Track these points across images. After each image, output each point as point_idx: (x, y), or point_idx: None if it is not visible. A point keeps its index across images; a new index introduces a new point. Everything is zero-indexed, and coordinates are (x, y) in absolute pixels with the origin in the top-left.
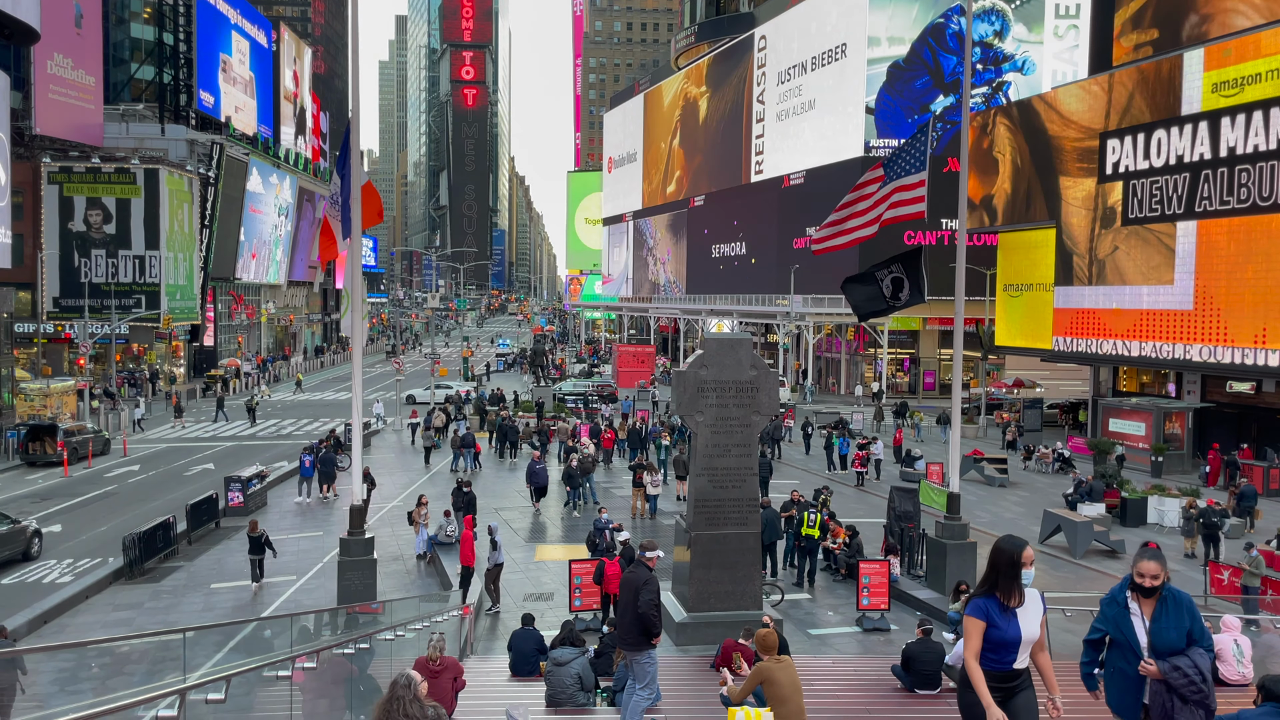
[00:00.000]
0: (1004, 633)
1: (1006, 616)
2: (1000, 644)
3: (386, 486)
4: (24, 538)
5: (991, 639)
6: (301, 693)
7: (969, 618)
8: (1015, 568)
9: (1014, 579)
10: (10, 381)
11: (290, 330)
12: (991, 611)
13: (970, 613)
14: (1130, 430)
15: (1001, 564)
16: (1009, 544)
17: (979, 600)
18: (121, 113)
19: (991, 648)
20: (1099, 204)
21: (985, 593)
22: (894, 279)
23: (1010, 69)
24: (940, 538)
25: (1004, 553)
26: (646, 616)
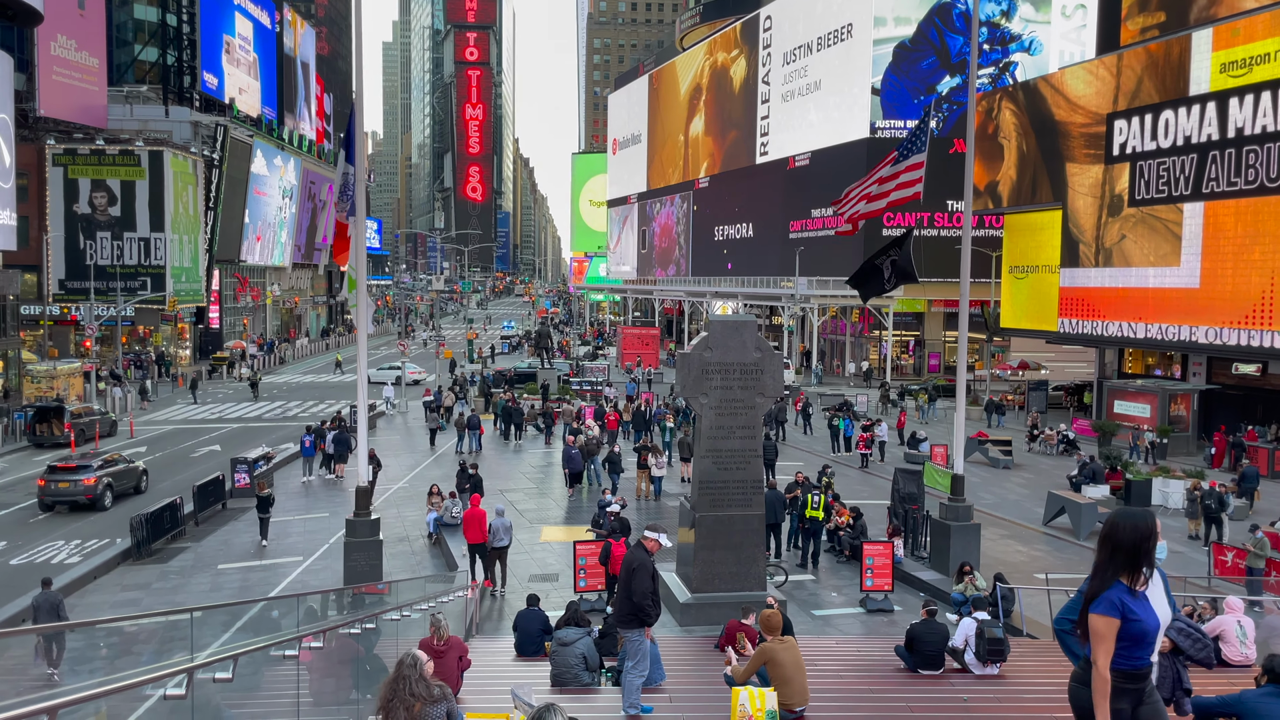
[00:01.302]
0: (1144, 623)
1: (1141, 604)
2: (1140, 638)
3: (392, 468)
4: (136, 475)
5: (1130, 634)
6: (308, 672)
7: (1103, 618)
8: (1149, 543)
9: (1148, 557)
10: (17, 363)
11: (295, 313)
12: (1126, 603)
13: (1103, 611)
14: (1135, 412)
15: (1130, 543)
16: (1136, 519)
17: (1108, 594)
18: (125, 94)
19: (1131, 644)
20: (1106, 191)
21: (1108, 583)
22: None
23: (1017, 49)
24: (944, 519)
25: (1132, 529)
26: (640, 607)
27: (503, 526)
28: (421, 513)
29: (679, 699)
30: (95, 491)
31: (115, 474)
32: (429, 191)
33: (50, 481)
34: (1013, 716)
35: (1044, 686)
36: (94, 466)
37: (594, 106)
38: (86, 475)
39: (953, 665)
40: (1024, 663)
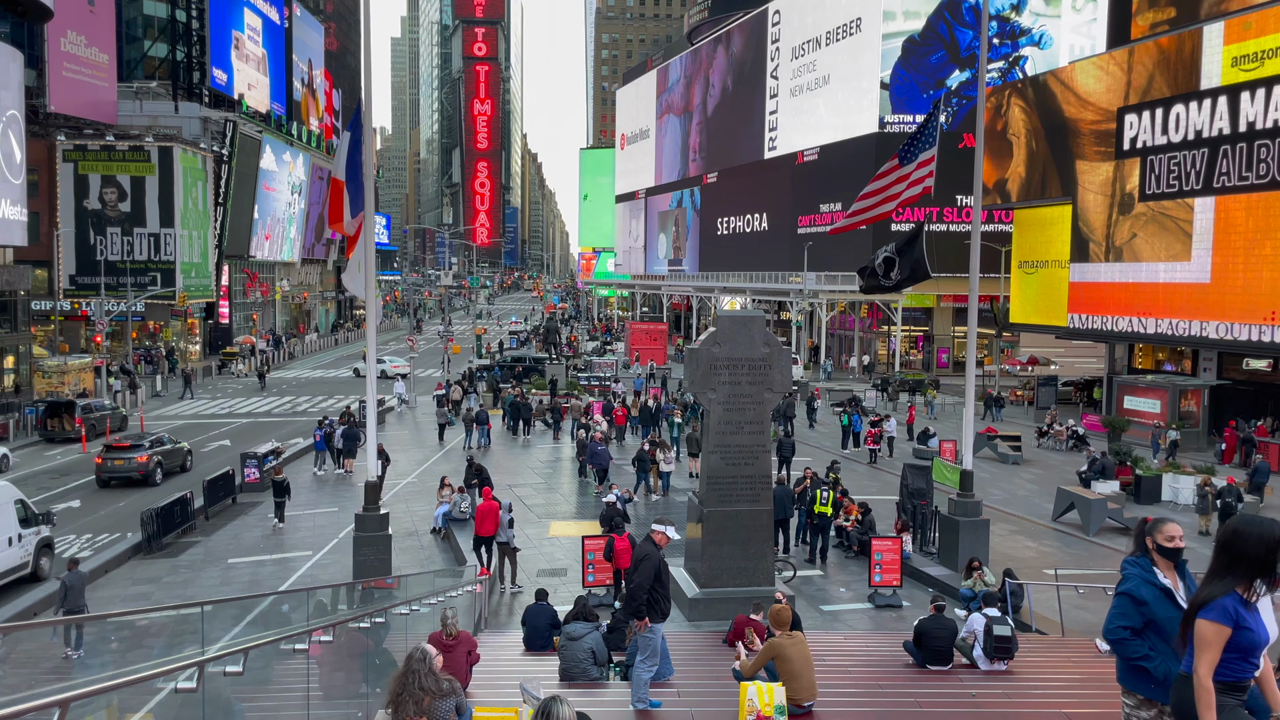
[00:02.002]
0: (1255, 634)
1: (1254, 615)
2: (1249, 649)
3: (401, 463)
4: (182, 454)
5: (1239, 644)
6: (318, 666)
7: (1214, 624)
8: (1275, 554)
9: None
10: (28, 359)
11: (304, 308)
12: (1240, 612)
13: (1215, 617)
14: (1145, 408)
15: (1255, 553)
16: (1263, 528)
17: (1222, 602)
18: (135, 90)
19: (1239, 655)
20: (1117, 189)
21: (1224, 590)
22: (885, 259)
23: (1027, 43)
24: (953, 515)
25: (1258, 540)
26: (632, 596)
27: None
28: (430, 507)
29: (687, 693)
30: (148, 469)
31: (165, 453)
32: (437, 187)
33: (107, 459)
34: (1021, 713)
35: (1053, 683)
36: (146, 446)
37: (602, 102)
38: (140, 454)
39: (961, 661)
40: (1033, 659)
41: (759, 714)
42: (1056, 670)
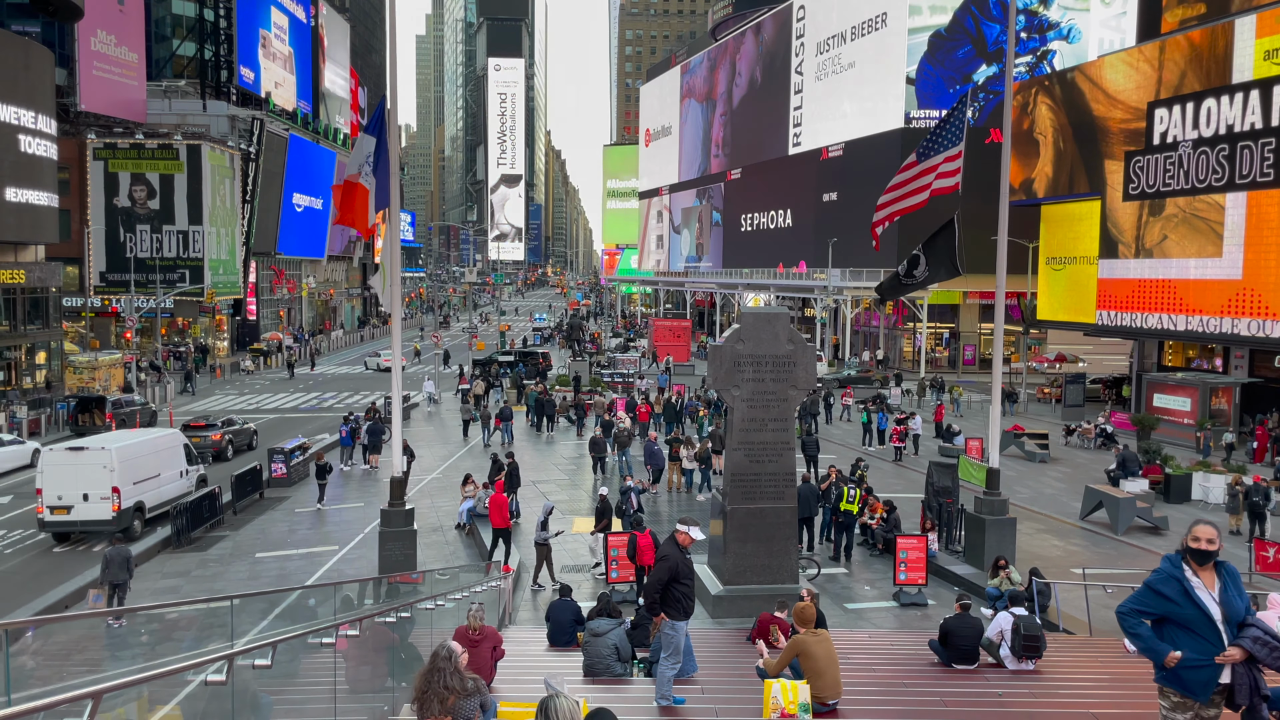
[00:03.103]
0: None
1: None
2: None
3: (426, 459)
4: (249, 434)
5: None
6: (344, 660)
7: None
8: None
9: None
10: (60, 354)
11: (330, 304)
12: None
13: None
14: (1175, 406)
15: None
16: None
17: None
18: (164, 89)
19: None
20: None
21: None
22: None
23: (1055, 37)
24: (979, 513)
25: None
26: (645, 591)
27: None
28: (455, 503)
29: (711, 690)
30: (221, 445)
31: (235, 432)
32: (462, 184)
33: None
34: (1048, 713)
35: (1081, 682)
36: (219, 425)
37: (626, 99)
38: (214, 432)
39: (987, 660)
40: (1060, 658)
41: (783, 711)
42: (1084, 670)
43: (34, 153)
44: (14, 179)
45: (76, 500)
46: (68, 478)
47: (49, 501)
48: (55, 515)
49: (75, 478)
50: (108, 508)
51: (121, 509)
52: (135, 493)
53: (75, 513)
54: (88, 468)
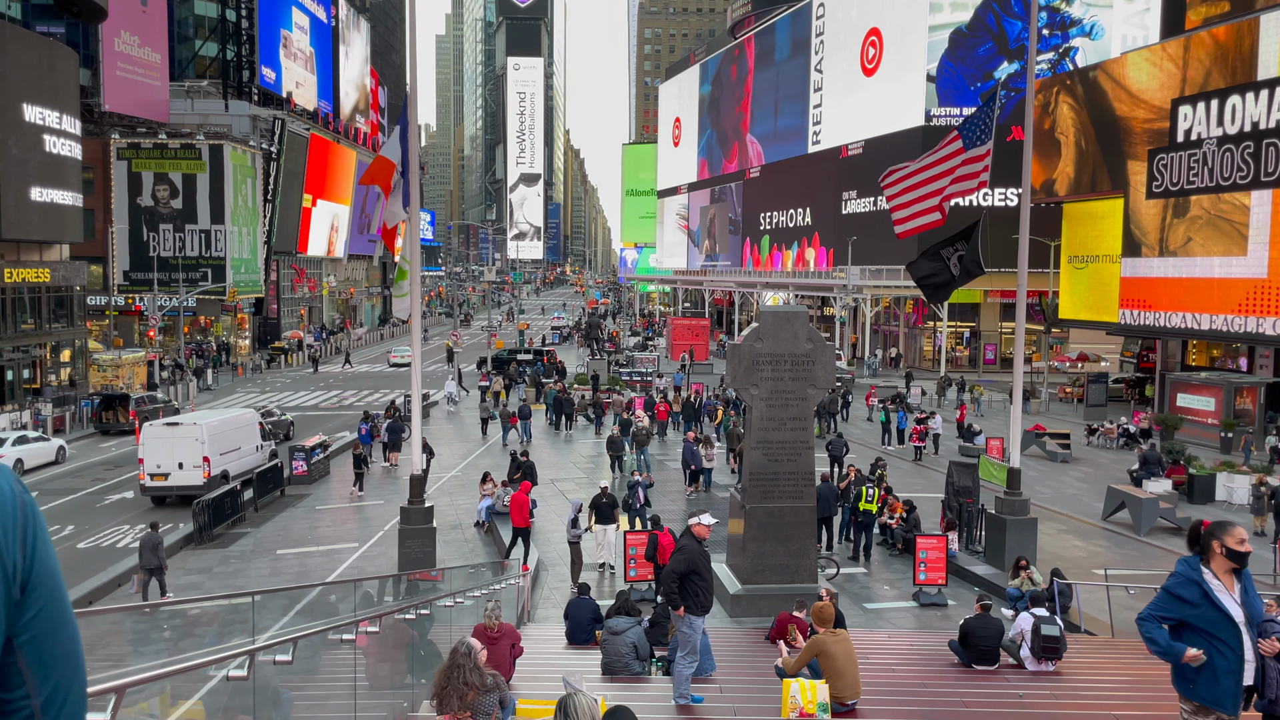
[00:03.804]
0: None
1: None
2: None
3: (445, 457)
4: (286, 424)
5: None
6: (364, 656)
7: None
8: None
9: None
10: (84, 353)
11: (351, 303)
12: None
13: None
14: (1199, 405)
15: None
16: None
17: None
18: (186, 89)
19: None
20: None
21: None
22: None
23: (1078, 34)
24: (1000, 513)
25: None
26: (661, 580)
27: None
28: (474, 501)
29: (729, 689)
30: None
31: (274, 423)
32: (481, 183)
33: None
34: (1069, 714)
35: (1102, 684)
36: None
37: (644, 97)
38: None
39: (1008, 661)
40: (1081, 660)
41: (802, 711)
42: (1106, 672)
43: (59, 153)
44: (39, 179)
45: (173, 468)
46: (165, 449)
47: (149, 469)
48: (154, 481)
49: (172, 449)
50: (199, 475)
51: (211, 476)
52: (221, 462)
53: (172, 479)
54: (182, 440)
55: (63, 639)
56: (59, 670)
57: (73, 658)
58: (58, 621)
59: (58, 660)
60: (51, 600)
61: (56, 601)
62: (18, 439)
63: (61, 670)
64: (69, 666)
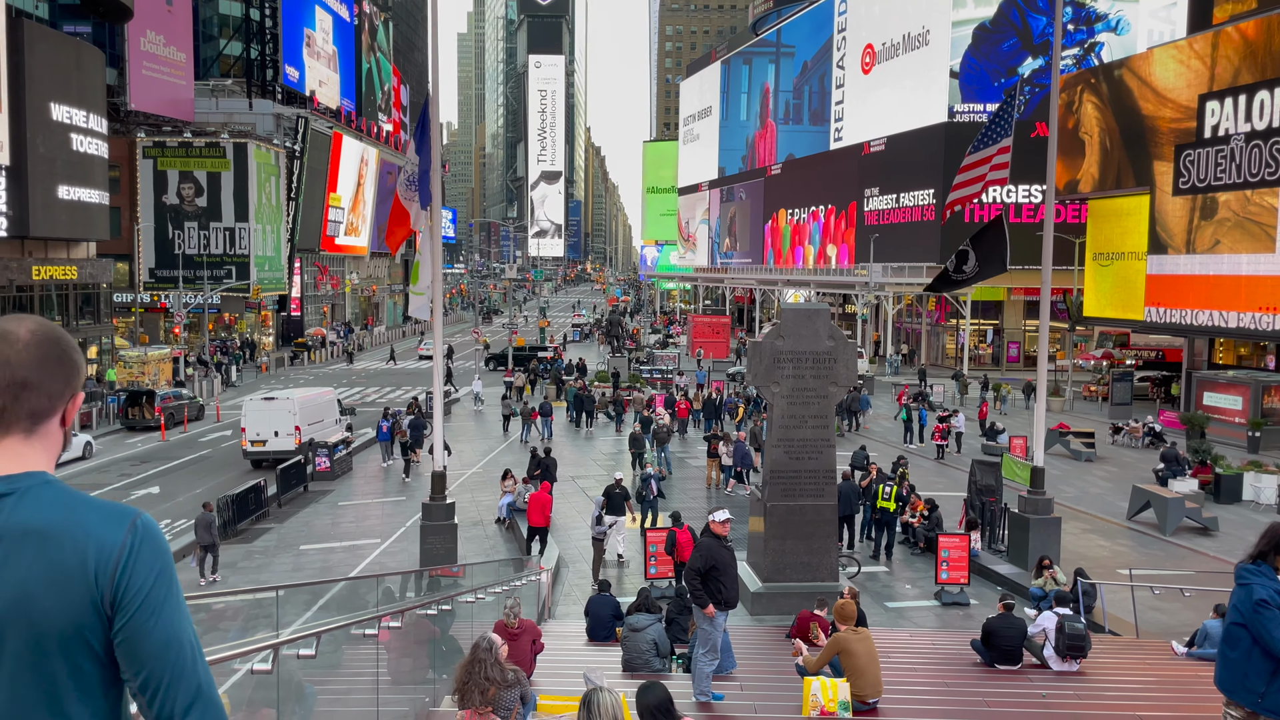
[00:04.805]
0: None
1: None
2: None
3: (466, 454)
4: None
5: None
6: (386, 651)
7: None
8: None
9: None
10: (111, 349)
11: (373, 301)
12: None
13: None
14: (1226, 404)
15: None
16: None
17: None
18: (211, 88)
19: None
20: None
21: None
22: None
23: (1103, 29)
24: (1023, 512)
25: None
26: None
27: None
28: (495, 497)
29: (750, 687)
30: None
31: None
32: (502, 180)
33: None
34: (1093, 714)
35: (1126, 684)
36: None
37: (665, 94)
38: None
39: (1031, 661)
40: (1105, 659)
41: (823, 709)
42: (1130, 672)
43: (86, 151)
44: (66, 177)
45: (270, 436)
46: (263, 420)
47: (250, 437)
48: (254, 447)
49: (269, 420)
50: (292, 441)
51: (302, 443)
52: (309, 432)
53: (269, 445)
54: (278, 412)
55: (151, 642)
56: (150, 665)
57: (162, 658)
58: (146, 630)
59: (148, 657)
60: (140, 614)
61: (146, 615)
62: None
63: (152, 665)
64: (160, 664)
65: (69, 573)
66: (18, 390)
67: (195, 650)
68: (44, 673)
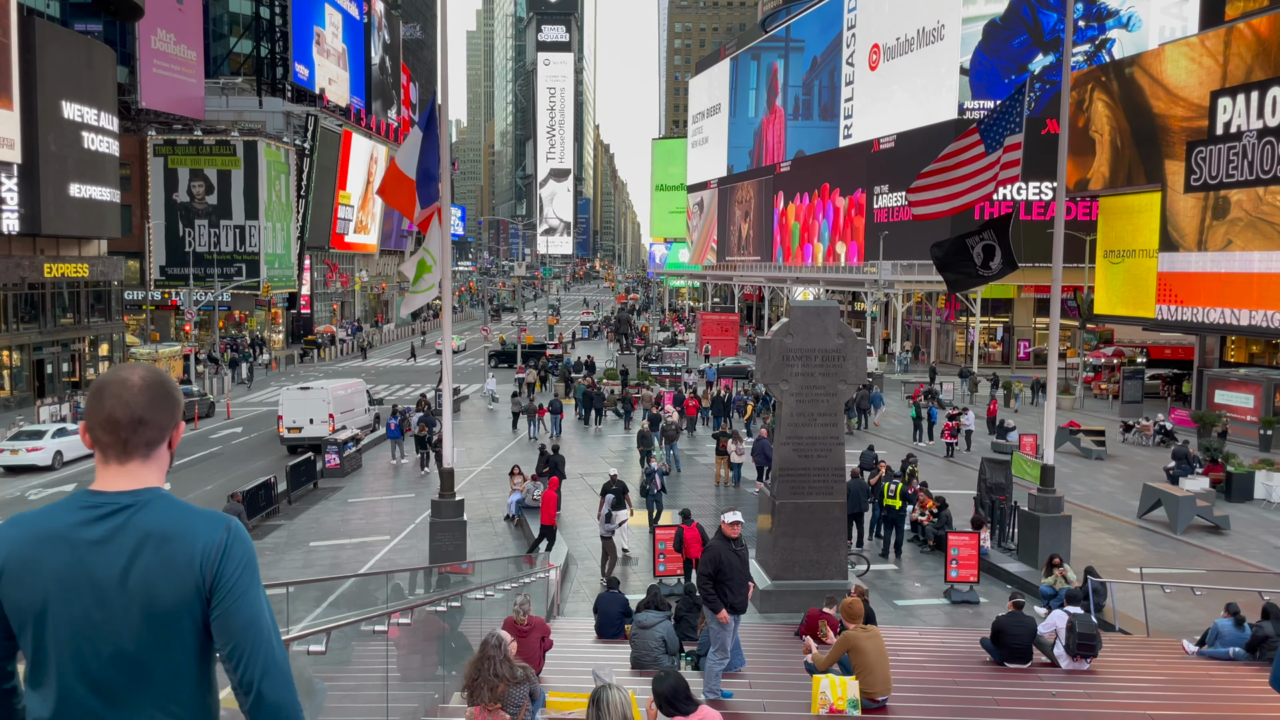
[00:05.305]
0: None
1: None
2: None
3: (475, 451)
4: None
5: None
6: (396, 648)
7: None
8: None
9: None
10: (121, 346)
11: (382, 298)
12: None
13: None
14: (1238, 402)
15: None
16: None
17: None
18: (221, 86)
19: None
20: (1211, 192)
21: None
22: (985, 246)
23: (1114, 25)
24: (1033, 510)
25: None
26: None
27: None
28: (504, 495)
29: (759, 685)
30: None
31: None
32: (511, 178)
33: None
34: (1104, 713)
35: (1137, 683)
36: None
37: (674, 91)
38: None
39: (1041, 659)
40: (1116, 658)
41: (832, 707)
42: (1141, 671)
43: (97, 149)
44: (78, 175)
45: (305, 423)
46: (299, 408)
47: (287, 424)
48: (291, 433)
49: (304, 408)
50: (326, 428)
51: (335, 429)
52: (342, 419)
53: (305, 431)
54: (313, 401)
55: (238, 620)
56: (235, 638)
57: (245, 633)
58: (234, 610)
59: (235, 632)
60: (229, 597)
61: (235, 598)
62: (57, 431)
63: (238, 639)
64: (244, 638)
65: (180, 565)
66: (136, 426)
67: (272, 629)
68: (159, 636)
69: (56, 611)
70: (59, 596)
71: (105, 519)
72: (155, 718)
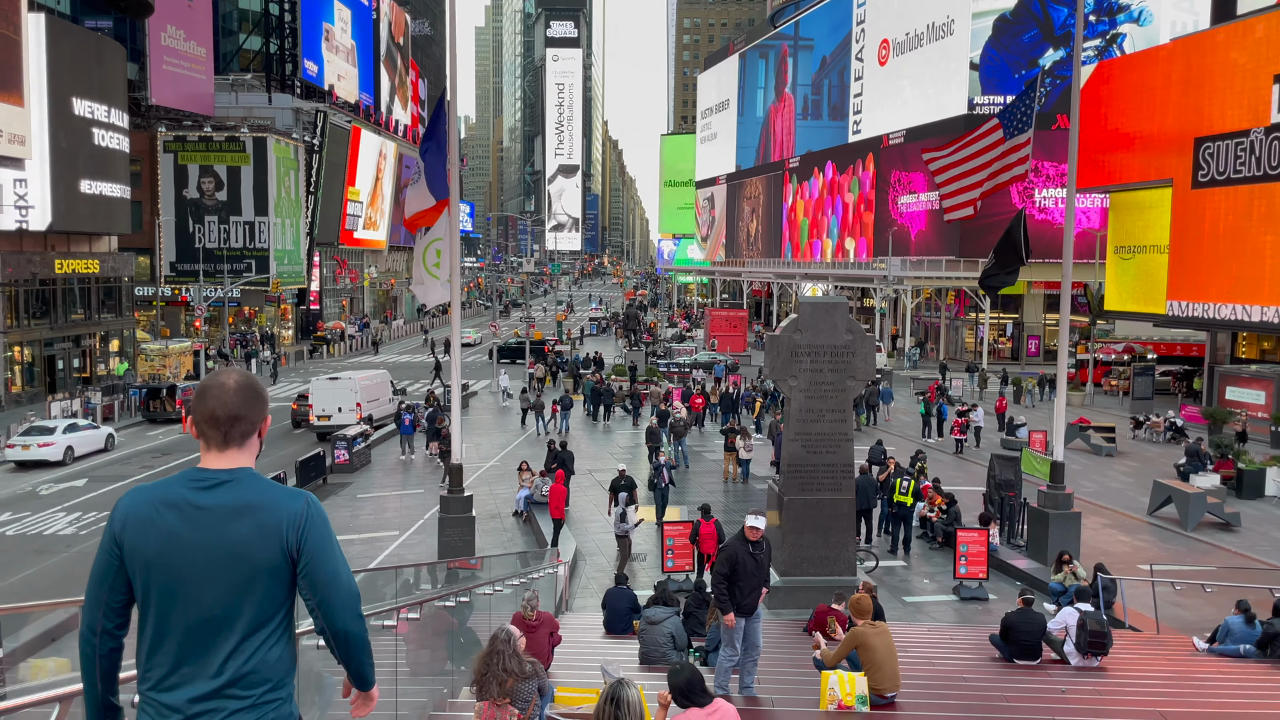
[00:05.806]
0: None
1: None
2: None
3: (484, 446)
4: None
5: None
6: (405, 643)
7: None
8: None
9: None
10: (132, 343)
11: (391, 294)
12: None
13: None
14: (1249, 399)
15: None
16: None
17: None
18: (231, 83)
19: None
20: (1220, 187)
21: None
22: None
23: (1125, 20)
24: (1043, 507)
25: None
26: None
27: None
28: (512, 490)
29: (768, 681)
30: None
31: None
32: (520, 174)
33: (302, 406)
34: (1113, 710)
35: (1147, 681)
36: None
37: (683, 87)
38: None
39: (1050, 656)
40: (1126, 655)
41: (840, 703)
42: (1151, 668)
43: (107, 146)
44: (88, 171)
45: (334, 411)
46: (329, 397)
47: (317, 412)
48: (320, 421)
49: (333, 397)
50: (353, 416)
51: (362, 417)
52: (369, 408)
53: (333, 419)
54: (341, 390)
55: (322, 574)
56: (320, 592)
57: (327, 587)
58: (317, 564)
59: (320, 583)
60: (313, 555)
61: (317, 555)
62: (68, 426)
63: (321, 593)
64: (325, 592)
65: (270, 532)
66: (233, 421)
67: (350, 584)
68: (252, 591)
69: (165, 562)
70: (167, 550)
71: (208, 490)
72: (239, 658)
